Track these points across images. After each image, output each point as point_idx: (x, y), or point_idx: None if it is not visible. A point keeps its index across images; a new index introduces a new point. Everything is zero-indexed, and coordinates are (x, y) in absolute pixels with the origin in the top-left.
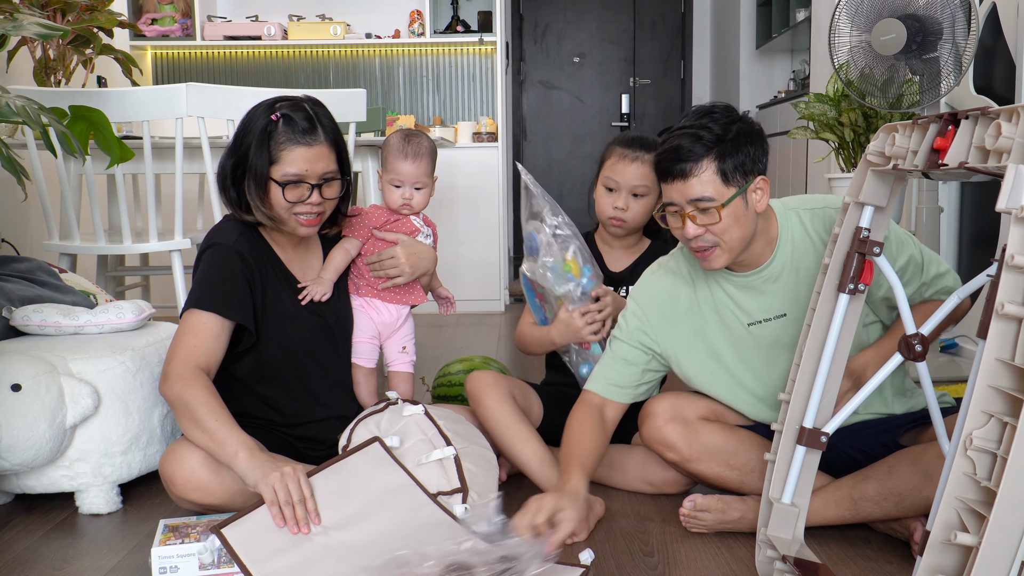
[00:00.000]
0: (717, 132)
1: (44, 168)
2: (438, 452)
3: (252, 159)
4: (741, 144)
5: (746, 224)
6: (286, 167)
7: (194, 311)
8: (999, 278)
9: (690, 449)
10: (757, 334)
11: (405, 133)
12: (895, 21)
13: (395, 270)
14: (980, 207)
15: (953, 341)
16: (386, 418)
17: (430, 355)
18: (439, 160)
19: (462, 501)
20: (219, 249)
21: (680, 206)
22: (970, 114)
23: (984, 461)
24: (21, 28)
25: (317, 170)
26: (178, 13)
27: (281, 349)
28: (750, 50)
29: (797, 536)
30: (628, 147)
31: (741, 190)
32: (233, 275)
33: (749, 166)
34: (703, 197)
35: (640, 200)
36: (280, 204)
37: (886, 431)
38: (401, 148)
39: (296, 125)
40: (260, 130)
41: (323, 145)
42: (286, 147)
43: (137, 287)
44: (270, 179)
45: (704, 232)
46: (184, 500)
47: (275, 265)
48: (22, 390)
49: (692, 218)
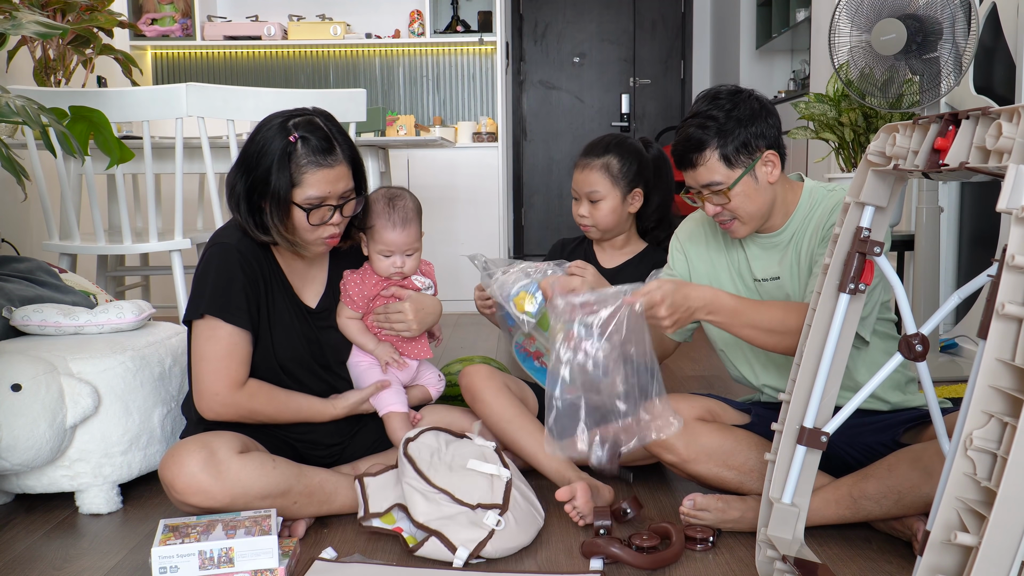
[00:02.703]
0: (719, 119)
1: (44, 168)
2: (494, 468)
3: (274, 184)
4: (742, 126)
5: (759, 198)
6: (308, 190)
7: (222, 324)
8: (999, 278)
9: (688, 450)
10: (760, 291)
11: (388, 196)
12: (895, 21)
13: (402, 325)
14: (980, 207)
15: (953, 341)
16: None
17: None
18: (439, 161)
19: (499, 514)
20: (219, 249)
21: (695, 189)
22: (971, 114)
23: (984, 461)
24: (21, 27)
25: (338, 191)
26: (178, 13)
27: (264, 357)
28: (750, 50)
29: (797, 536)
30: (583, 155)
31: (748, 169)
32: (236, 276)
33: (753, 145)
34: (711, 182)
35: (599, 204)
36: (303, 227)
37: (886, 430)
38: (388, 216)
39: (315, 146)
40: (279, 152)
41: (343, 165)
42: (307, 170)
43: (137, 287)
44: (292, 203)
45: (721, 210)
46: (185, 504)
47: (275, 272)
48: (22, 390)
49: (708, 199)
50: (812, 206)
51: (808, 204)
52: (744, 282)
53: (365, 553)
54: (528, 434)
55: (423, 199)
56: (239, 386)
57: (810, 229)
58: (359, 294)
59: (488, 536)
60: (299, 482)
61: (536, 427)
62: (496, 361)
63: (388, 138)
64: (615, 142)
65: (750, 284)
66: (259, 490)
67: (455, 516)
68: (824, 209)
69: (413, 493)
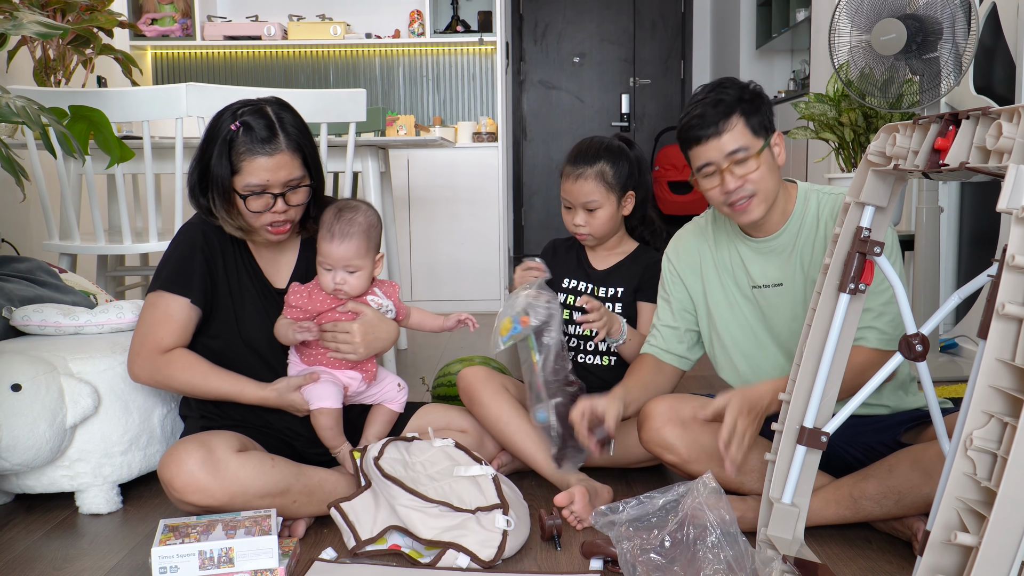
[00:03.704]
0: (735, 94)
1: (44, 168)
2: (476, 468)
3: (214, 170)
4: (758, 103)
5: (776, 176)
6: (248, 178)
7: (163, 294)
8: (999, 278)
9: (689, 450)
10: (759, 298)
11: (339, 207)
12: (895, 21)
13: (348, 347)
14: (980, 207)
15: (953, 341)
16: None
17: (430, 355)
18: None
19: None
20: (186, 226)
21: (716, 163)
22: (971, 114)
23: (984, 461)
24: (21, 27)
25: (280, 179)
26: (178, 13)
27: (228, 334)
28: (750, 50)
29: (797, 536)
30: (573, 165)
31: (767, 142)
32: (194, 251)
33: (768, 123)
34: (739, 148)
35: (596, 212)
36: (246, 214)
37: (886, 430)
38: (329, 227)
39: (255, 134)
40: (220, 140)
41: (284, 153)
42: (246, 157)
43: (137, 287)
44: (233, 191)
45: (742, 183)
46: (184, 503)
47: (243, 253)
48: (22, 390)
49: (730, 172)
50: (815, 210)
51: (804, 207)
52: (741, 290)
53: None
54: (526, 435)
55: (423, 199)
56: (160, 351)
57: (819, 236)
58: (301, 307)
59: (504, 538)
60: (298, 481)
61: (534, 428)
62: (496, 362)
63: (388, 138)
64: (604, 147)
65: (748, 292)
66: (258, 488)
67: (462, 524)
68: (832, 215)
69: (411, 513)
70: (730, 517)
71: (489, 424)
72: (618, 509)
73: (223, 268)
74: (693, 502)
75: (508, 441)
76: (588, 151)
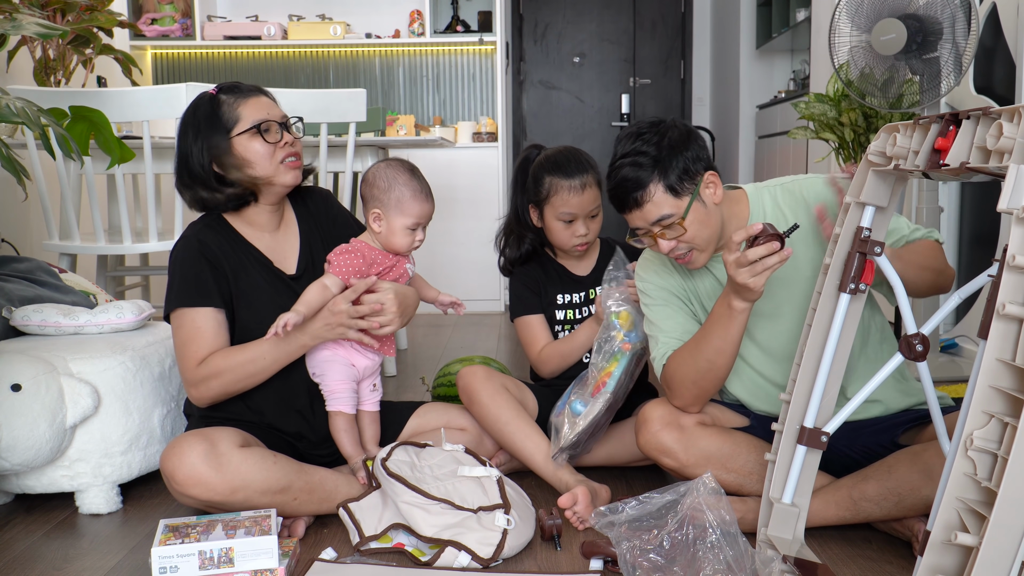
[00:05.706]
0: (652, 153)
1: (44, 168)
2: (481, 470)
3: (216, 135)
4: (677, 153)
5: (711, 221)
6: (253, 114)
7: (182, 311)
8: (1000, 278)
9: (687, 454)
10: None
11: (406, 166)
12: (895, 21)
13: (385, 318)
14: (980, 207)
15: (953, 341)
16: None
17: (430, 355)
18: (439, 161)
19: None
20: (180, 241)
21: (646, 229)
22: (971, 114)
23: (984, 461)
24: (21, 28)
25: (276, 114)
26: (178, 13)
27: (250, 333)
28: (750, 50)
29: (797, 536)
30: (569, 178)
31: (694, 195)
32: (197, 261)
33: (692, 170)
34: (662, 216)
35: (596, 218)
36: (263, 156)
37: (885, 430)
38: (418, 187)
39: (239, 89)
40: (206, 110)
41: (268, 97)
42: (239, 103)
43: (137, 287)
44: (239, 135)
45: (676, 243)
46: (185, 496)
47: (245, 248)
48: (22, 390)
49: (661, 236)
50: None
51: (760, 209)
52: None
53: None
54: (526, 436)
55: None
56: (199, 364)
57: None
58: (349, 263)
59: (503, 537)
60: (299, 478)
61: (534, 429)
62: (496, 362)
63: (388, 138)
64: (583, 156)
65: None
66: (259, 484)
67: (463, 522)
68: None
69: (412, 510)
70: (730, 517)
71: (488, 424)
72: (618, 509)
73: (229, 269)
74: (693, 502)
75: (507, 441)
76: (577, 161)
